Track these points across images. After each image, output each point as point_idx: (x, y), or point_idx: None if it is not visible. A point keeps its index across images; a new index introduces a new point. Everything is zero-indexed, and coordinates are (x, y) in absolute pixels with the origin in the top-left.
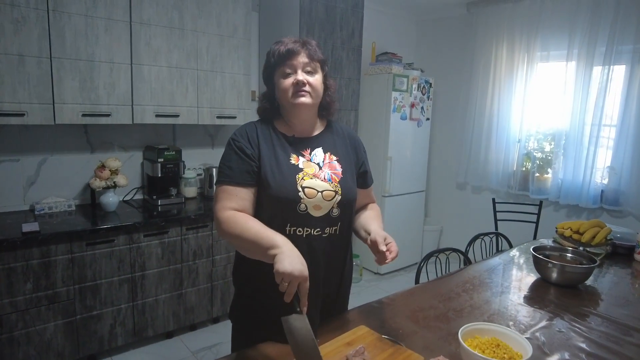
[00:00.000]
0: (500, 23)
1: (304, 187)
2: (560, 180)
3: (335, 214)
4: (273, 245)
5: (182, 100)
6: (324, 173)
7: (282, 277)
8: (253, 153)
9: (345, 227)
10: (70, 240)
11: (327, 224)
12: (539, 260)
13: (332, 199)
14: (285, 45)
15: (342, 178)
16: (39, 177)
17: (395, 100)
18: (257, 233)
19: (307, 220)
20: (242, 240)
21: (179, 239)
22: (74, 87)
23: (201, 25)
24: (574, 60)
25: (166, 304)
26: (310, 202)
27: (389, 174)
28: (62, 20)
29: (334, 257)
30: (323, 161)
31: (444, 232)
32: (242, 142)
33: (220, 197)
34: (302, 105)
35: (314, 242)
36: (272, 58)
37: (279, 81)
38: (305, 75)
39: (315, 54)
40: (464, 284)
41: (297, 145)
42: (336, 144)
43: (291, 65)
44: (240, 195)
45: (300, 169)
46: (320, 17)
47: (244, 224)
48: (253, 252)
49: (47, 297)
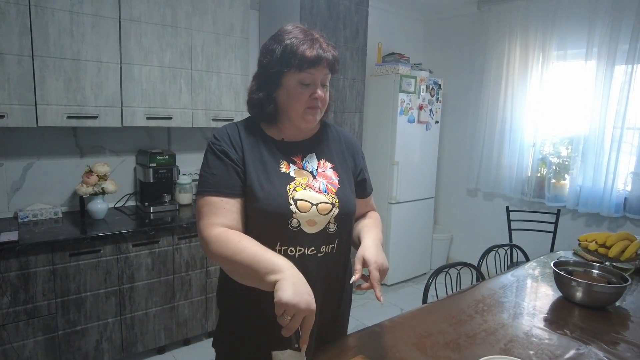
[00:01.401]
0: (513, 21)
1: (296, 200)
2: (578, 187)
3: (332, 229)
4: (273, 269)
5: (176, 102)
6: (319, 183)
7: (284, 309)
8: (238, 158)
9: (343, 245)
10: (52, 251)
11: (322, 242)
12: (562, 278)
13: (329, 213)
14: (311, 49)
15: (340, 188)
16: (25, 183)
17: (402, 102)
18: (253, 255)
19: (299, 238)
20: (235, 264)
21: (170, 248)
22: (58, 87)
23: (196, 22)
24: (594, 59)
25: (157, 317)
26: (304, 217)
27: (395, 179)
28: (45, 16)
29: (331, 279)
30: (317, 169)
31: (454, 240)
32: (224, 145)
33: (204, 211)
34: (312, 121)
35: (308, 263)
36: (294, 58)
37: (294, 89)
38: (322, 90)
39: (335, 66)
40: (477, 303)
41: (288, 151)
42: (331, 149)
43: (311, 75)
44: (228, 208)
45: (292, 178)
46: (323, 14)
47: (236, 243)
48: (249, 278)
49: (26, 311)
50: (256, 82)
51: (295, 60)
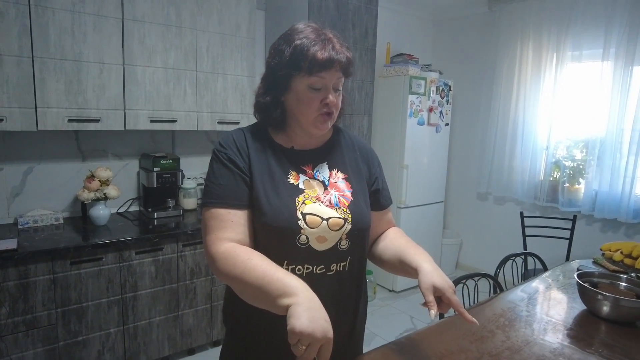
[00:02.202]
0: (526, 21)
1: (305, 214)
2: (594, 192)
3: (344, 246)
4: (285, 291)
5: (180, 105)
6: (330, 195)
7: (298, 337)
8: (245, 166)
9: (356, 262)
10: (52, 259)
11: (333, 260)
12: (587, 291)
13: (341, 229)
14: (323, 51)
15: (353, 202)
16: (25, 188)
17: (412, 104)
18: (263, 274)
19: (308, 256)
20: (244, 284)
21: (174, 256)
22: (59, 89)
23: (201, 22)
24: (611, 60)
25: (161, 327)
26: (313, 233)
27: (405, 183)
28: (46, 15)
29: (343, 299)
30: (328, 180)
31: (464, 245)
32: (231, 152)
33: (211, 225)
34: (324, 129)
35: (317, 282)
36: (304, 60)
37: (304, 93)
38: (334, 95)
39: (349, 69)
40: (498, 318)
41: (297, 160)
42: (345, 158)
43: (323, 80)
44: (236, 221)
45: (301, 191)
46: (331, 13)
47: (245, 261)
48: (259, 300)
49: (25, 322)
50: (264, 85)
51: (305, 62)
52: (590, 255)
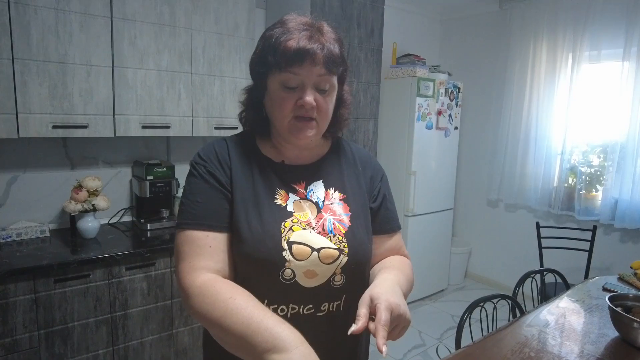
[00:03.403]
0: (540, 19)
1: (292, 243)
2: (614, 200)
3: (338, 282)
4: (275, 345)
5: (174, 109)
6: (324, 220)
7: None
8: (227, 182)
9: (352, 302)
10: (34, 278)
11: (324, 299)
12: (621, 317)
13: (334, 262)
14: (297, 40)
15: (351, 228)
16: (9, 199)
17: (420, 107)
18: (249, 320)
19: (294, 294)
20: (225, 331)
21: (168, 271)
22: (42, 93)
23: (196, 22)
24: (632, 60)
25: (154, 346)
26: (301, 267)
27: (412, 190)
28: (27, 14)
29: (337, 346)
30: (323, 201)
31: (473, 254)
32: (211, 165)
33: (185, 251)
34: (304, 138)
35: (304, 325)
36: (272, 54)
37: (276, 92)
38: (317, 94)
39: (335, 63)
40: (521, 347)
41: (288, 176)
42: (344, 175)
43: (299, 76)
44: (214, 246)
45: (289, 214)
46: (335, 12)
47: (227, 300)
48: (241, 351)
49: (5, 346)
50: (245, 89)
51: (274, 56)
52: (609, 267)
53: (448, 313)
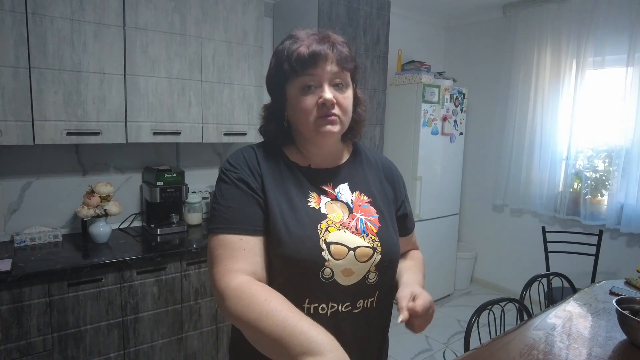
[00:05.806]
0: (544, 26)
1: (329, 244)
2: (619, 204)
3: (372, 280)
4: (311, 349)
5: (184, 116)
6: (356, 220)
7: None
8: (258, 187)
9: (384, 298)
10: (49, 281)
11: (360, 296)
12: (628, 320)
13: (369, 260)
14: (308, 46)
15: (381, 228)
16: (23, 204)
17: (426, 113)
18: (284, 323)
19: (333, 292)
20: (260, 333)
21: (178, 275)
22: (57, 101)
23: (206, 30)
24: (637, 66)
25: (164, 350)
26: (339, 265)
27: (418, 195)
28: (44, 24)
29: (369, 340)
30: (352, 203)
31: (479, 258)
32: (241, 171)
33: (219, 254)
34: (330, 134)
35: (343, 322)
36: (287, 62)
37: (296, 97)
38: (335, 92)
39: (347, 60)
40: (530, 350)
41: (317, 179)
42: (368, 179)
43: (315, 76)
44: (249, 249)
45: (323, 216)
46: (342, 20)
47: (262, 303)
48: (276, 354)
49: (19, 348)
50: (264, 107)
51: (289, 63)
52: (615, 271)
53: (455, 318)
